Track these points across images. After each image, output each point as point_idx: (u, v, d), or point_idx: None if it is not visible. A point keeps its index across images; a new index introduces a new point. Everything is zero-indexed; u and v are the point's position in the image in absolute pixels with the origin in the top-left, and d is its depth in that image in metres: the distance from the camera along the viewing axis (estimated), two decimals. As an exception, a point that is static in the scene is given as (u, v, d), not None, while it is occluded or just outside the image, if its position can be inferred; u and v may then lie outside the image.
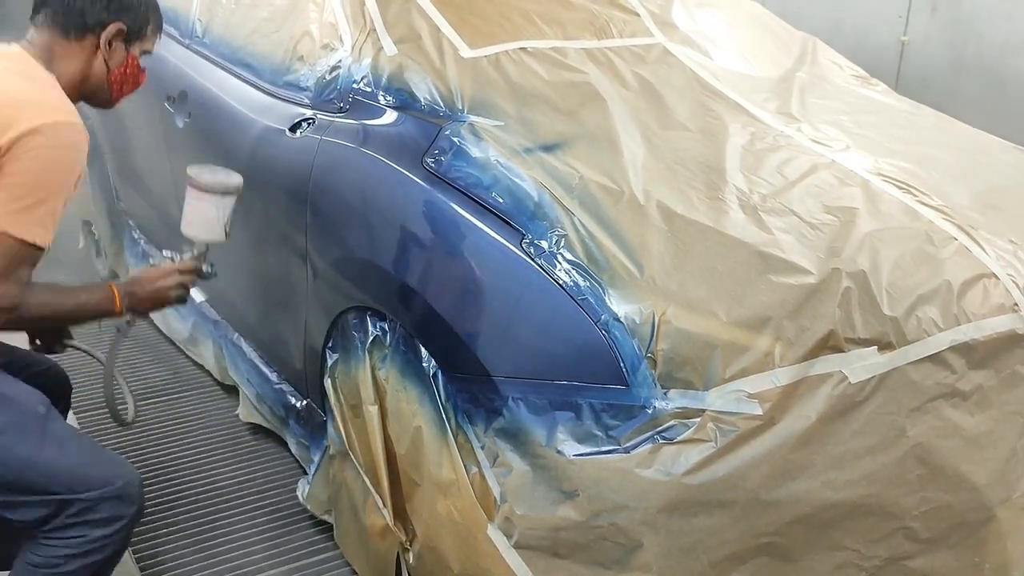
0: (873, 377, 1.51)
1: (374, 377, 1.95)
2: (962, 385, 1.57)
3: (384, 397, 1.94)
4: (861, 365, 1.51)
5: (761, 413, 1.47)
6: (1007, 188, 2.03)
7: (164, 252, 2.12)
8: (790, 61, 2.66)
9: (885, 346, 1.53)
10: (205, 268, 2.04)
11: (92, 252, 4.25)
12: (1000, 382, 1.60)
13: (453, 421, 1.72)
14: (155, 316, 3.50)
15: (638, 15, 2.52)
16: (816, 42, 2.90)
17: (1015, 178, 2.12)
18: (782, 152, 1.98)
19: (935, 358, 1.55)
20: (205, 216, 2.00)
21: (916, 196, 1.85)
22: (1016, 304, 1.65)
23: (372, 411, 1.95)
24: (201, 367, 3.29)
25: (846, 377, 1.50)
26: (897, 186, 1.88)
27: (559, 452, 1.53)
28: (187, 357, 3.38)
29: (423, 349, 1.80)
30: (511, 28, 2.29)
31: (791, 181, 1.85)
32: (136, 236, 3.64)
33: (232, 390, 3.12)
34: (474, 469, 1.68)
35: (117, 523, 1.76)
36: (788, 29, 2.98)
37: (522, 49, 2.23)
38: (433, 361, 1.78)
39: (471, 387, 1.67)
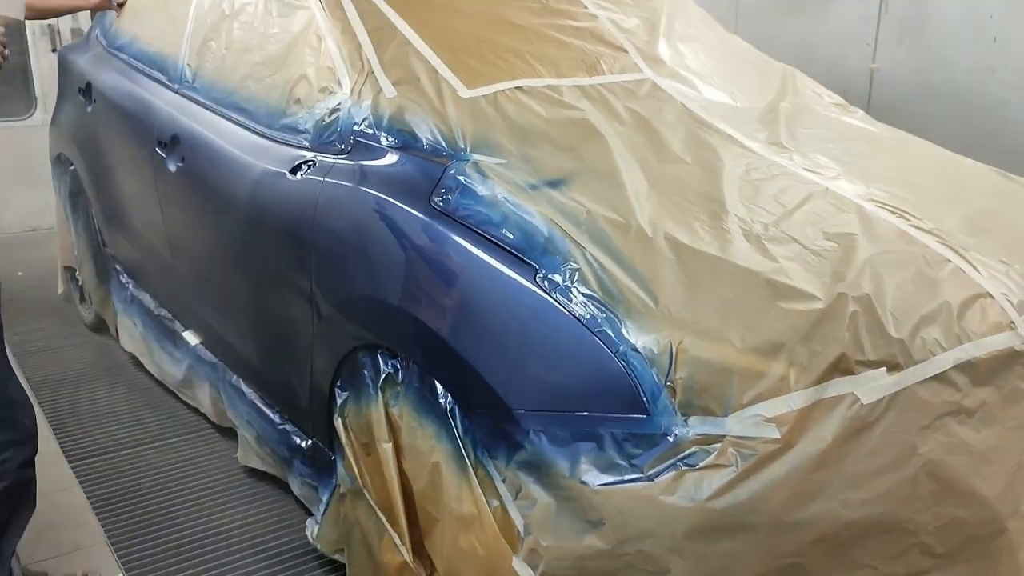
0: (884, 398, 1.56)
1: (387, 414, 1.97)
2: (967, 402, 1.62)
3: (398, 434, 1.95)
4: (872, 386, 1.56)
5: (779, 436, 1.51)
6: (993, 210, 2.10)
7: None
8: (773, 92, 2.74)
9: (893, 367, 1.58)
10: (6, 51, 2.18)
11: (76, 298, 4.22)
12: (1002, 398, 1.66)
13: (472, 455, 1.74)
14: (147, 360, 3.49)
15: (626, 51, 2.59)
16: (795, 72, 2.99)
17: (999, 200, 2.20)
18: (777, 181, 2.04)
19: (941, 377, 1.61)
20: None
21: (909, 220, 1.91)
22: (1013, 322, 1.71)
23: (387, 448, 1.96)
24: (196, 411, 3.28)
25: (858, 399, 1.55)
26: (890, 211, 1.94)
27: (583, 483, 1.55)
28: (181, 401, 3.37)
29: (439, 385, 1.82)
30: (506, 67, 2.34)
31: (789, 209, 1.91)
32: (124, 280, 3.63)
33: (229, 433, 3.11)
34: (495, 503, 1.70)
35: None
36: (767, 60, 3.06)
37: (518, 88, 2.28)
38: (449, 397, 1.80)
39: (491, 421, 1.69)
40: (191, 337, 3.09)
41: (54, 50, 5.43)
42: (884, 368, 1.58)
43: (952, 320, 1.66)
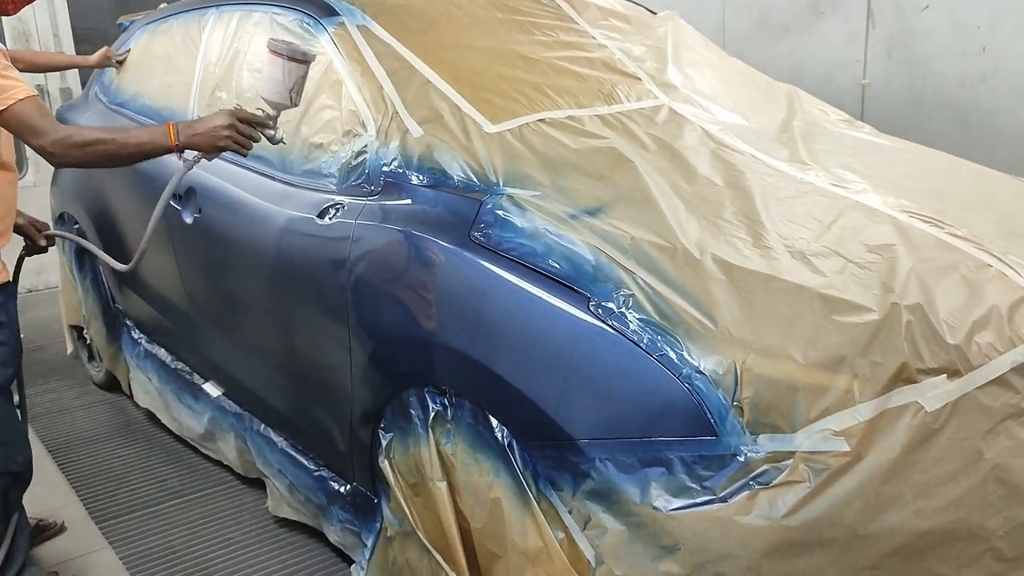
0: (947, 404, 1.57)
1: (440, 453, 1.95)
2: (1026, 404, 1.63)
3: (452, 472, 1.94)
4: (934, 394, 1.57)
5: (849, 449, 1.51)
6: (1019, 215, 2.13)
7: (235, 104, 2.45)
8: (782, 111, 2.78)
9: (953, 373, 1.60)
10: (278, 133, 2.19)
11: (84, 357, 4.17)
12: (1059, 398, 1.67)
13: (535, 488, 1.73)
14: (164, 415, 3.45)
15: (639, 79, 2.62)
16: (797, 91, 3.03)
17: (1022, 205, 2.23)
18: (808, 198, 2.06)
19: (999, 380, 1.62)
20: (274, 78, 2.12)
21: (944, 229, 1.94)
22: (1061, 322, 1.73)
23: (441, 487, 1.94)
24: (218, 463, 3.24)
25: (923, 407, 1.56)
26: (923, 220, 1.97)
27: (655, 508, 1.54)
28: (201, 455, 3.33)
29: (494, 420, 1.81)
30: (526, 101, 2.36)
31: (826, 224, 1.93)
32: (136, 336, 3.60)
33: (254, 484, 3.07)
34: (561, 534, 1.69)
35: None
36: (769, 81, 3.11)
37: (541, 120, 2.30)
38: (506, 431, 1.79)
39: (553, 453, 1.68)
40: (212, 388, 3.06)
41: (43, 110, 5.43)
42: (944, 375, 1.59)
43: (1004, 323, 1.68)
